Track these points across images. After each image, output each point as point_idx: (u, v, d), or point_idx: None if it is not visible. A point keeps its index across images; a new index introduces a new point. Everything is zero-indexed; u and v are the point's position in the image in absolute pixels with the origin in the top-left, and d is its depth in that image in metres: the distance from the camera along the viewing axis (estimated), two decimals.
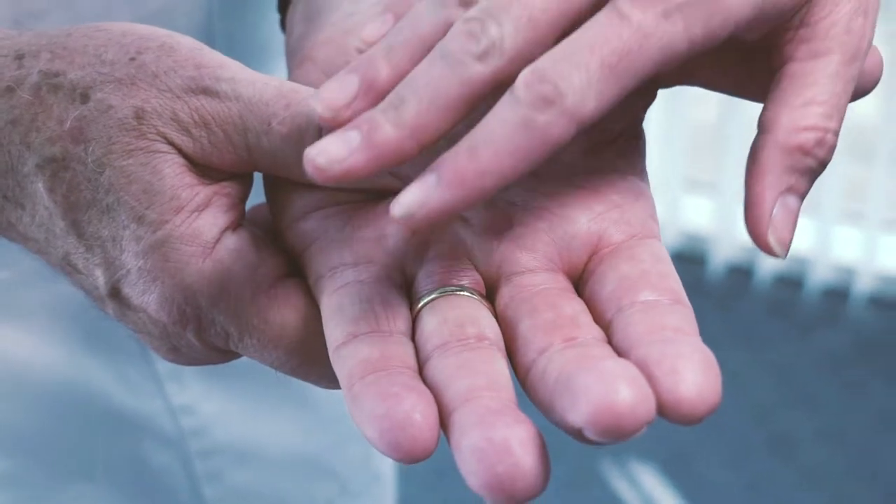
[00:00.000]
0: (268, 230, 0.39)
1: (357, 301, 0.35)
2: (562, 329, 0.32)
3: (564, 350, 0.31)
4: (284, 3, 0.49)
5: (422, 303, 0.35)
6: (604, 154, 0.37)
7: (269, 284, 0.36)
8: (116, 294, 0.37)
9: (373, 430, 0.30)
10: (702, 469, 1.91)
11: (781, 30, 0.35)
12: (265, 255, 0.37)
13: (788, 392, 2.06)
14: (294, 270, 0.37)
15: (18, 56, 0.36)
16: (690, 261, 2.37)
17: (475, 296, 0.35)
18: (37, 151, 0.35)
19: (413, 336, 0.34)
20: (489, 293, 0.35)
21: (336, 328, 0.34)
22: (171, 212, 0.36)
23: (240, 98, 0.36)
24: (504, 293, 0.35)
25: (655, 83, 0.37)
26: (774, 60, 0.36)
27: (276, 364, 0.37)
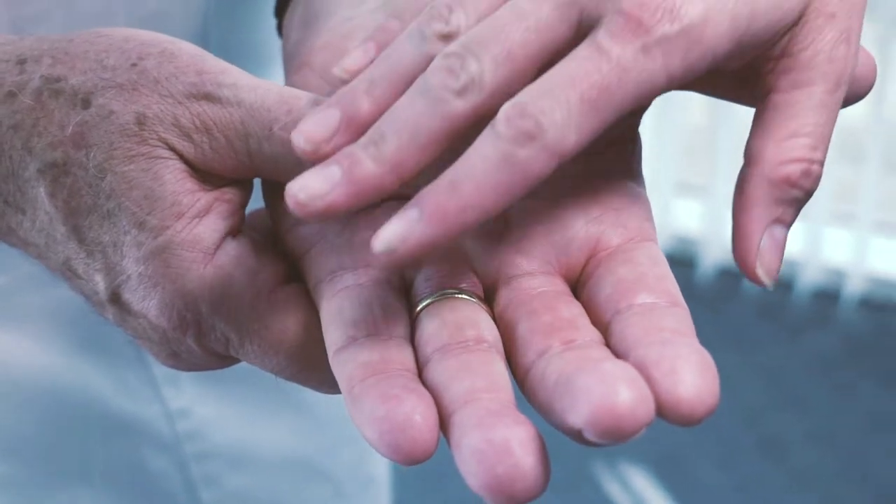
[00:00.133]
0: (267, 235, 0.39)
1: (356, 305, 0.35)
2: (560, 331, 0.33)
3: (563, 352, 0.32)
4: (281, 8, 0.49)
5: (421, 306, 0.35)
6: (600, 158, 0.37)
7: (270, 290, 0.36)
8: (117, 299, 0.37)
9: (373, 432, 0.30)
10: (693, 471, 1.91)
11: (763, 59, 0.35)
12: (265, 261, 0.37)
13: (779, 394, 2.07)
14: (294, 276, 0.37)
15: (20, 61, 0.36)
16: (681, 263, 2.37)
17: (474, 299, 0.35)
18: (38, 156, 0.35)
19: (412, 339, 0.34)
20: (487, 296, 0.35)
21: (335, 332, 0.34)
22: (172, 218, 0.36)
23: (242, 104, 0.36)
24: (502, 296, 0.35)
25: None
26: (758, 88, 0.36)
27: (277, 370, 0.37)
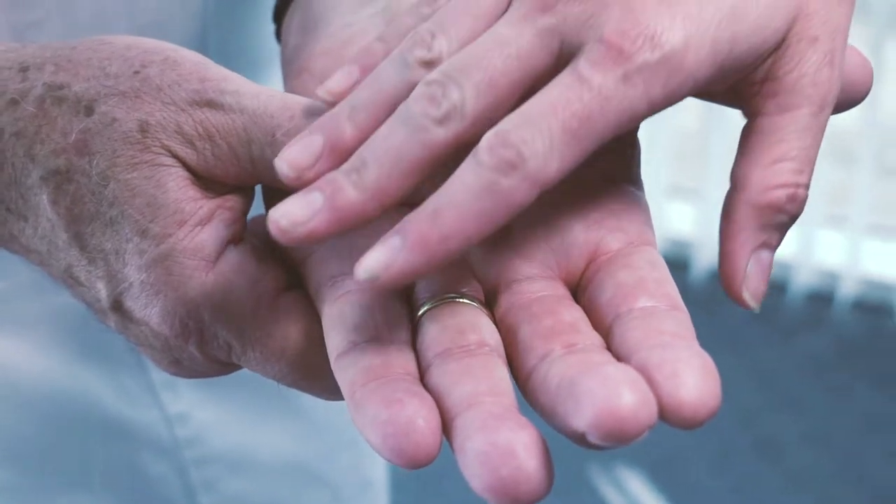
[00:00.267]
0: (267, 241, 0.38)
1: (358, 309, 0.34)
2: (562, 335, 0.33)
3: (565, 356, 0.32)
4: (279, 13, 0.49)
5: (422, 310, 0.35)
6: (600, 163, 0.37)
7: (271, 297, 0.36)
8: (119, 307, 0.37)
9: (376, 436, 0.30)
10: (688, 473, 1.91)
11: (748, 83, 0.35)
12: (267, 269, 0.37)
13: (773, 396, 2.07)
14: (295, 283, 0.38)
15: (23, 68, 0.37)
16: (674, 266, 2.34)
17: (475, 303, 0.35)
18: (41, 164, 0.36)
19: (413, 344, 0.34)
20: (488, 301, 0.35)
21: (337, 336, 0.34)
22: (175, 225, 0.36)
23: (244, 110, 0.36)
24: (503, 300, 0.35)
25: None
26: (744, 110, 0.36)
27: (279, 376, 0.37)
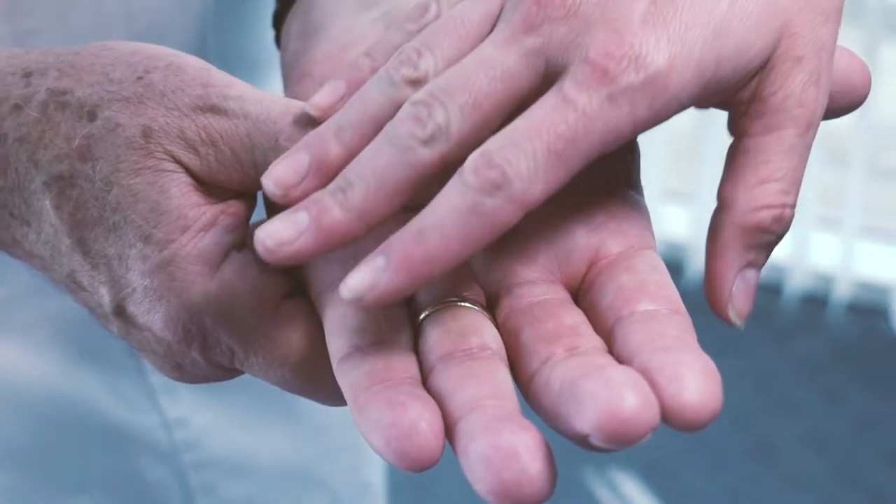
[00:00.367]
0: None
1: (360, 314, 0.34)
2: (563, 338, 0.33)
3: (567, 359, 0.32)
4: (279, 20, 0.49)
5: (423, 314, 0.35)
6: (600, 167, 0.37)
7: (274, 303, 0.36)
8: (121, 312, 0.37)
9: (379, 440, 0.30)
10: (683, 476, 1.91)
11: (735, 103, 0.35)
12: (269, 274, 0.37)
13: (768, 398, 2.07)
14: (297, 288, 0.38)
15: (26, 74, 0.37)
16: (668, 269, 2.36)
17: (476, 307, 0.35)
18: (44, 169, 0.36)
19: (415, 348, 0.34)
20: (489, 305, 0.35)
21: (339, 340, 0.34)
22: (178, 231, 0.36)
23: (248, 116, 0.36)
24: (504, 304, 0.35)
25: None
26: (730, 129, 0.36)
27: (282, 382, 0.37)
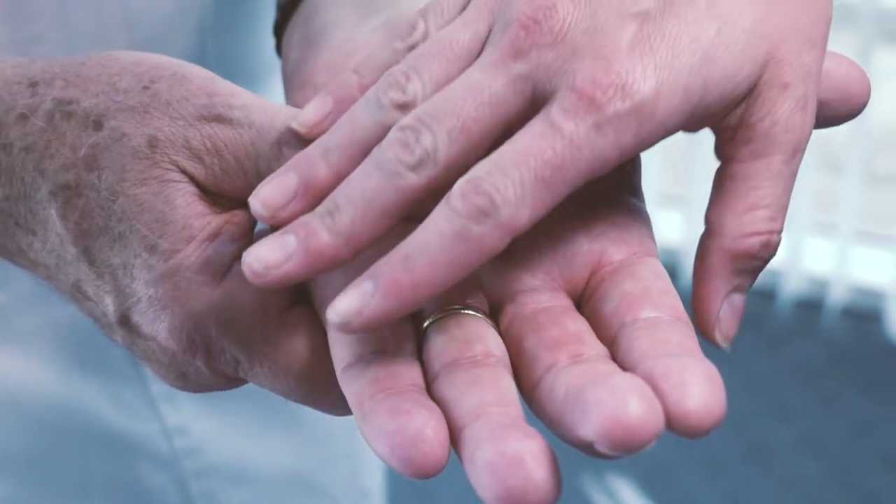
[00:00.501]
0: None
1: None
2: (567, 346, 0.33)
3: (571, 366, 0.32)
4: (280, 28, 0.49)
5: (427, 322, 0.35)
6: (602, 175, 0.37)
7: (279, 312, 0.36)
8: (126, 322, 0.37)
9: (384, 447, 0.30)
10: (680, 481, 1.91)
11: (722, 129, 0.35)
12: None
13: (764, 403, 2.07)
14: (301, 298, 0.38)
15: (32, 83, 0.37)
16: None
17: (480, 314, 0.35)
18: (50, 178, 0.36)
19: (419, 355, 0.34)
20: (493, 312, 0.36)
21: (343, 349, 0.34)
22: (183, 241, 0.36)
23: (252, 125, 0.36)
24: (508, 312, 0.35)
25: None
26: (717, 153, 0.36)
27: (286, 392, 0.37)
